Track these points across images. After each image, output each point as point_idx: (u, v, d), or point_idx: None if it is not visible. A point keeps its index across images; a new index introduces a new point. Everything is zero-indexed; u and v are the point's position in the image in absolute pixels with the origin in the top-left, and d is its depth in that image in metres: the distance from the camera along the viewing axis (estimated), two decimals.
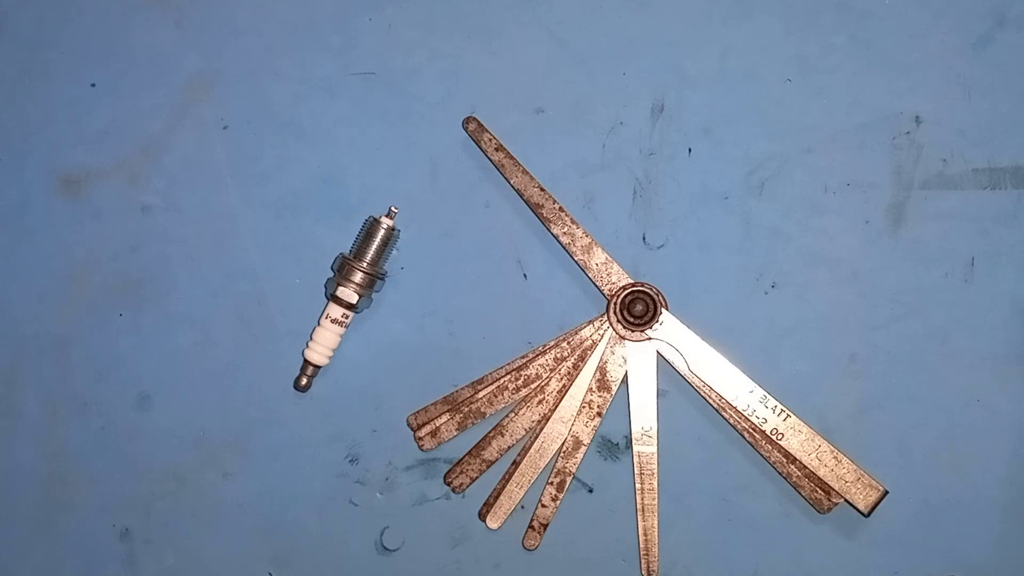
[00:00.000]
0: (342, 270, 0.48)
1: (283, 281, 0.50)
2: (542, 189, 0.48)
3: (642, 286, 0.48)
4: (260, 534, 0.50)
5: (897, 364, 0.48)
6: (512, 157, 0.48)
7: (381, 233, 0.48)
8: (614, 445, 0.49)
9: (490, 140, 0.48)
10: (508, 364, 0.49)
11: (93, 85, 0.51)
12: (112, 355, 0.51)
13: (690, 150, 0.49)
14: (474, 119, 0.49)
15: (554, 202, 0.48)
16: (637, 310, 0.48)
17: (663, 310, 0.48)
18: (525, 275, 0.50)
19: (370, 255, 0.48)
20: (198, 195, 0.50)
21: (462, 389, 0.49)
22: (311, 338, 0.49)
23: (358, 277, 0.48)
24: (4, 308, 0.51)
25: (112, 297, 0.50)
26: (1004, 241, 0.48)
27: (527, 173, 0.48)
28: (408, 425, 0.49)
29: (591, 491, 0.49)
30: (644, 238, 0.49)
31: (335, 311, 0.48)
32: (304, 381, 0.49)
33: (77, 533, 0.51)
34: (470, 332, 0.49)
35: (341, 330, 0.48)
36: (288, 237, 0.50)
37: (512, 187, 0.48)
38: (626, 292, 0.48)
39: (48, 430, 0.51)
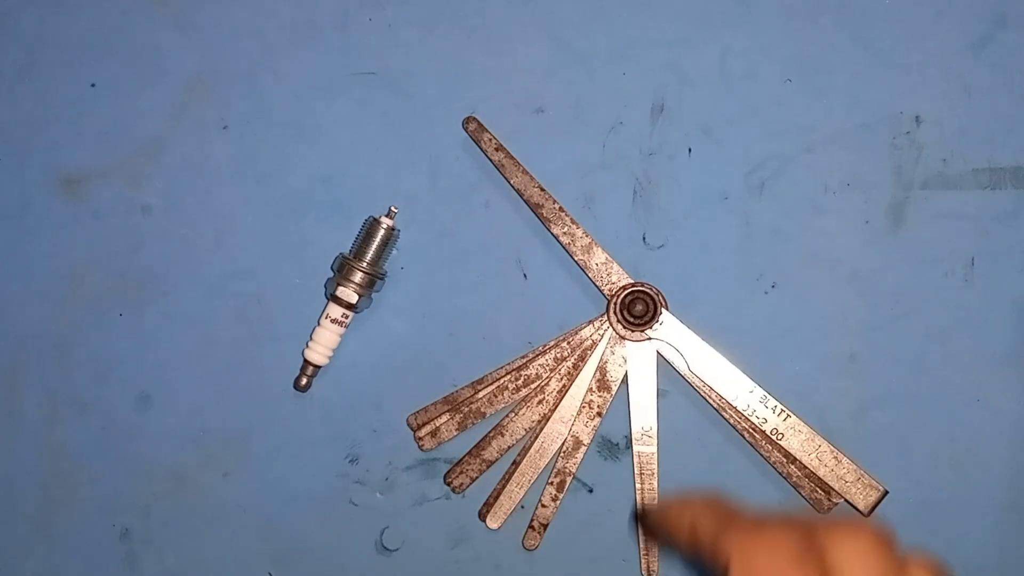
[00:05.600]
0: (342, 270, 0.48)
1: (283, 281, 0.50)
2: (542, 189, 0.48)
3: (642, 286, 0.48)
4: (260, 534, 0.50)
5: (897, 364, 0.48)
6: (512, 157, 0.48)
7: (381, 233, 0.48)
8: (614, 445, 0.49)
9: (490, 140, 0.48)
10: (508, 364, 0.49)
11: (93, 85, 0.51)
12: (112, 355, 0.50)
13: (690, 150, 0.49)
14: (474, 119, 0.49)
15: (554, 202, 0.48)
16: (637, 310, 0.48)
17: (663, 310, 0.48)
18: (525, 275, 0.49)
19: (370, 255, 0.48)
20: (198, 195, 0.50)
21: (462, 389, 0.49)
22: (311, 338, 0.49)
23: (358, 277, 0.48)
24: (4, 308, 0.51)
25: (112, 297, 0.50)
26: (1004, 241, 0.48)
27: (527, 173, 0.48)
28: (408, 425, 0.49)
29: (591, 491, 0.49)
30: (644, 238, 0.49)
31: (335, 311, 0.48)
32: (304, 381, 0.49)
33: (77, 533, 0.51)
34: (470, 332, 0.49)
35: (341, 330, 0.48)
36: (288, 237, 0.50)
37: (512, 187, 0.48)
38: (626, 292, 0.48)
39: (48, 430, 0.51)
